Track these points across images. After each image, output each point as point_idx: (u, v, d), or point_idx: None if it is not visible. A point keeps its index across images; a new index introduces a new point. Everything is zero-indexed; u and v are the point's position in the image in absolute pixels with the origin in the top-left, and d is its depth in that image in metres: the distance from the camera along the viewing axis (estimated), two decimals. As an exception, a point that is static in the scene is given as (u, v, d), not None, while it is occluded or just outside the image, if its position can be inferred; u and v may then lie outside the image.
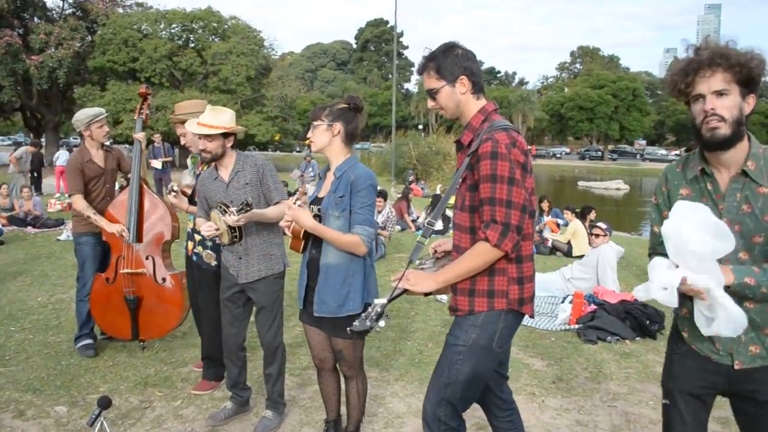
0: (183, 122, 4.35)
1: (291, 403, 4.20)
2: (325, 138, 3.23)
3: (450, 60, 2.64)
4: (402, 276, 2.58)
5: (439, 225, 13.29)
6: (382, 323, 2.46)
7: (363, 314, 2.50)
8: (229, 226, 3.54)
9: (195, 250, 4.37)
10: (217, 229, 3.62)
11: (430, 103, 2.75)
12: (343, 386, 3.53)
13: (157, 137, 14.97)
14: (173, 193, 4.31)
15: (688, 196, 2.25)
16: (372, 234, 3.17)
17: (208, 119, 3.75)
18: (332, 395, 3.54)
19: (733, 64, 2.08)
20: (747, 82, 2.10)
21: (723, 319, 2.05)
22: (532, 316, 2.76)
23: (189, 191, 4.48)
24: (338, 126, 3.21)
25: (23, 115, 36.34)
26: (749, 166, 2.15)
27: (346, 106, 3.25)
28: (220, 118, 3.77)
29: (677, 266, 2.08)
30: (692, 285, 2.03)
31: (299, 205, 3.18)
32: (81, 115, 5.07)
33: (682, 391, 2.38)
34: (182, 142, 4.43)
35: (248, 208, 3.44)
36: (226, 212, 3.46)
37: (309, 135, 3.28)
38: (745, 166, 2.15)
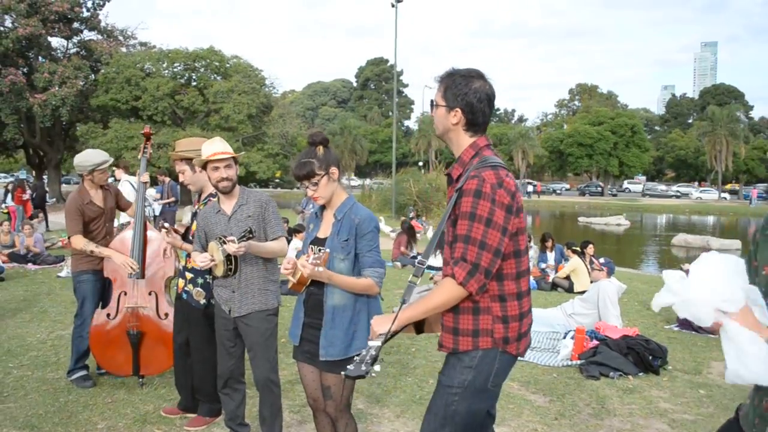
0: (183, 159, 4.36)
1: (291, 440, 4.15)
2: (330, 188, 3.20)
3: (458, 88, 2.56)
4: (395, 318, 2.48)
5: (438, 261, 13.18)
6: (377, 367, 2.34)
7: (356, 357, 2.39)
8: (225, 257, 3.54)
9: (185, 288, 4.36)
10: (213, 260, 3.64)
11: (432, 110, 2.72)
12: None
13: (162, 177, 14.74)
14: (164, 230, 4.29)
15: None
16: (382, 274, 3.21)
17: (224, 147, 3.86)
18: None
19: None
20: None
21: (732, 358, 1.83)
22: (520, 355, 2.63)
23: (182, 230, 4.48)
24: (334, 170, 3.20)
25: (26, 153, 36.58)
26: None
27: (322, 146, 3.19)
28: (229, 146, 3.89)
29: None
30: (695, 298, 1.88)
31: (313, 262, 2.93)
32: (85, 162, 5.08)
33: None
34: (181, 179, 4.40)
35: (250, 236, 3.47)
36: (225, 243, 3.48)
37: (311, 194, 3.17)
38: None
